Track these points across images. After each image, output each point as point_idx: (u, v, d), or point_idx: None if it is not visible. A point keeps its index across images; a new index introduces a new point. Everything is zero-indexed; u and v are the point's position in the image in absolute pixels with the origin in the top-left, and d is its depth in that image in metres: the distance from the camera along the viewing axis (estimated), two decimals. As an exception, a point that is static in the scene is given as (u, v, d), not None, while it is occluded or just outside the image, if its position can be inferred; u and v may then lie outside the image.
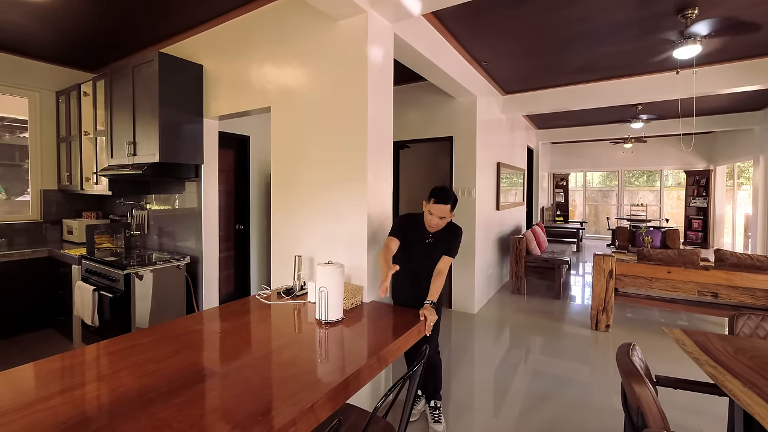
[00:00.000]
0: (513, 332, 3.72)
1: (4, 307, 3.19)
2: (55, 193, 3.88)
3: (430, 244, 2.08)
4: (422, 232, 2.08)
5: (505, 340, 3.50)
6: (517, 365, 2.98)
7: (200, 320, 1.79)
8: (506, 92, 4.95)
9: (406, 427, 1.37)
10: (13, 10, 2.73)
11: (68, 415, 1.00)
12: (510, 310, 4.35)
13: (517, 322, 4.00)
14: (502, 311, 4.31)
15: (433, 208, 1.97)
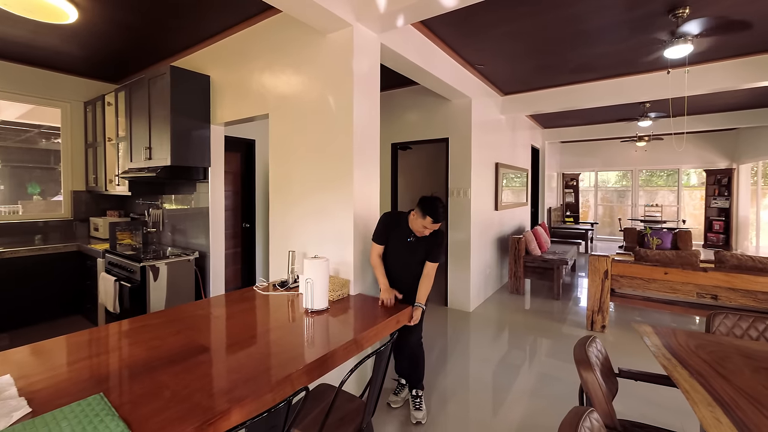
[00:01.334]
0: (506, 331, 3.79)
1: (41, 295, 3.59)
2: (84, 194, 4.29)
3: (411, 243, 2.21)
4: (404, 230, 2.22)
5: (497, 338, 3.58)
6: (506, 362, 3.07)
7: (202, 306, 2.04)
8: (505, 93, 5.03)
9: (376, 402, 1.56)
10: (49, 32, 3.10)
11: (92, 373, 1.29)
12: (506, 310, 4.42)
13: (513, 321, 4.06)
14: (498, 310, 4.39)
15: (426, 223, 2.09)
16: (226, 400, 1.14)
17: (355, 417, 1.52)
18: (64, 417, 1.02)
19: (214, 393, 1.18)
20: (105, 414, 1.04)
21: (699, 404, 1.17)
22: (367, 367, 2.48)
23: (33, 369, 1.30)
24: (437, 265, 2.21)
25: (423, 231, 2.13)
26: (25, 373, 1.27)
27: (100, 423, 1.00)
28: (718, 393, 1.25)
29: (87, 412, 1.04)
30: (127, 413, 1.05)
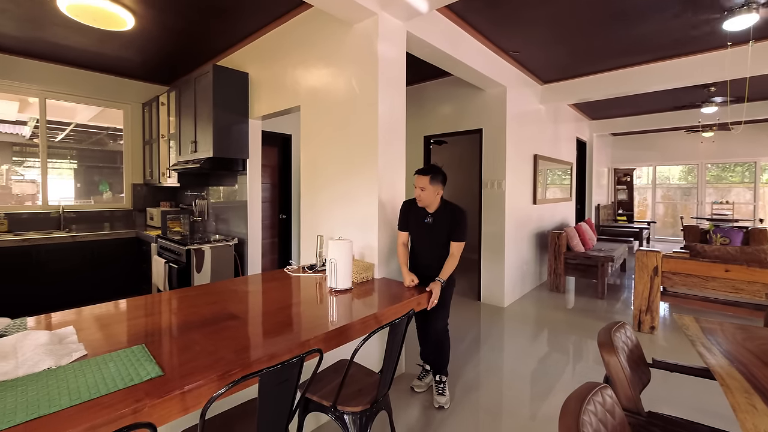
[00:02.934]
0: (541, 327, 3.63)
1: (107, 276, 4.03)
2: (141, 187, 4.74)
3: (429, 224, 2.22)
4: (420, 212, 2.25)
5: (532, 334, 3.45)
6: (538, 357, 2.95)
7: (235, 283, 2.20)
8: (544, 81, 4.81)
9: (392, 377, 1.59)
10: (111, 41, 3.47)
11: (137, 330, 1.48)
12: (544, 307, 4.23)
13: (549, 318, 3.89)
14: (534, 307, 4.22)
15: (415, 181, 2.16)
16: (246, 356, 1.24)
17: (371, 390, 1.56)
18: (111, 359, 1.18)
19: (237, 350, 1.28)
20: (144, 359, 1.17)
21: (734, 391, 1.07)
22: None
23: (91, 324, 1.51)
24: (463, 244, 2.18)
25: (420, 195, 2.16)
26: (85, 326, 1.48)
27: (140, 366, 1.13)
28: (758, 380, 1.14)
29: (130, 357, 1.19)
30: (163, 361, 1.19)
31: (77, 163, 5.00)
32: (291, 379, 1.12)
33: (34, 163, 4.42)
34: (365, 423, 1.47)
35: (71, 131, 5.23)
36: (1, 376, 1.04)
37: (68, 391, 0.99)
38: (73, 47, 3.66)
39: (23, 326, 1.43)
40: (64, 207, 4.22)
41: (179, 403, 1.02)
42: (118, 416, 0.91)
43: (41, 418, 0.89)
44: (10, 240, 3.51)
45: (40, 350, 1.18)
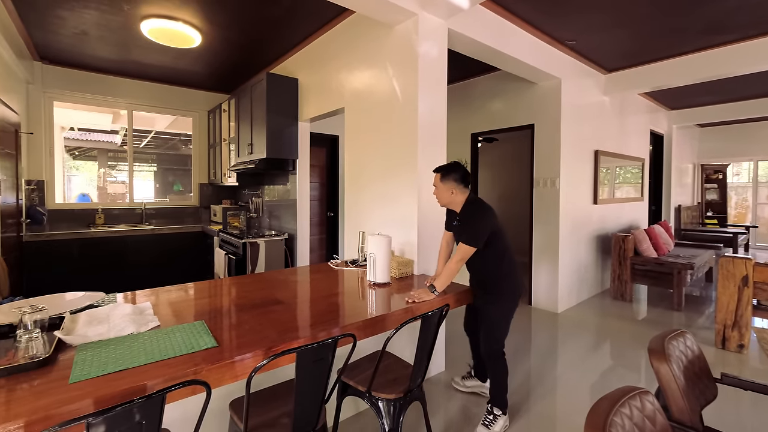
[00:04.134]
0: (602, 337, 3.33)
1: (177, 264, 4.53)
2: (207, 186, 5.25)
3: (458, 226, 2.04)
4: (453, 214, 2.11)
5: (589, 343, 3.18)
6: (598, 370, 2.72)
7: (283, 273, 2.38)
8: (608, 70, 4.47)
9: (425, 368, 1.63)
10: (182, 57, 3.91)
11: (199, 308, 1.68)
12: (606, 316, 3.89)
13: (612, 328, 3.55)
14: (594, 315, 3.91)
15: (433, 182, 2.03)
16: (287, 336, 1.36)
17: (405, 380, 1.60)
18: (178, 330, 1.37)
19: (280, 331, 1.41)
20: (203, 333, 1.35)
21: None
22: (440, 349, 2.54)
23: (163, 301, 1.74)
24: (466, 248, 1.89)
25: (437, 194, 2.02)
26: (159, 303, 1.72)
27: (200, 337, 1.31)
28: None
29: (192, 330, 1.37)
30: (218, 335, 1.35)
31: (156, 166, 5.65)
32: (325, 359, 1.21)
33: (124, 166, 5.10)
34: (398, 411, 1.52)
35: (151, 138, 5.93)
36: (98, 336, 1.27)
37: (145, 352, 1.18)
38: (153, 65, 4.17)
39: (113, 300, 1.70)
40: (145, 204, 4.82)
41: (229, 370, 1.16)
42: (182, 375, 1.07)
43: (126, 370, 1.08)
44: (105, 231, 4.12)
45: (126, 319, 1.40)
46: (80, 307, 1.53)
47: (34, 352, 1.12)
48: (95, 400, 0.94)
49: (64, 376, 1.04)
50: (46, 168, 4.17)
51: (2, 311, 1.41)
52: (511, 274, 1.99)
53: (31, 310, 1.19)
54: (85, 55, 3.88)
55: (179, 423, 1.41)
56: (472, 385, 2.35)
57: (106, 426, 0.82)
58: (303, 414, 1.21)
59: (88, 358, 1.13)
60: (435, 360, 2.57)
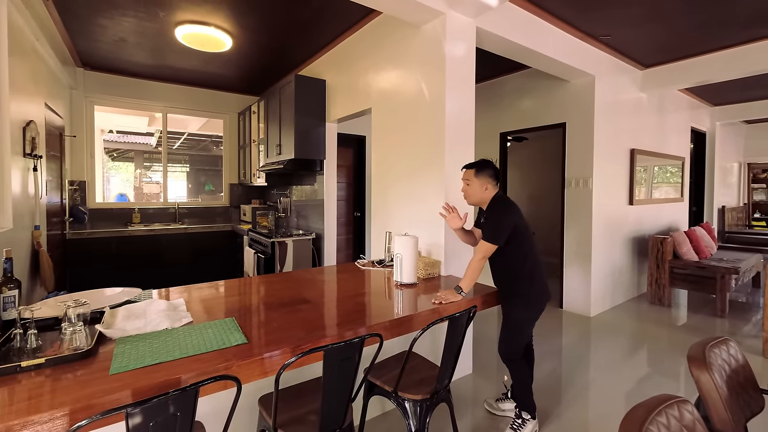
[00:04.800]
0: (638, 343, 3.16)
1: (208, 262, 4.68)
2: (237, 186, 5.38)
3: (482, 223, 1.98)
4: (481, 212, 2.05)
5: (624, 349, 3.03)
6: (634, 377, 2.59)
7: (310, 272, 2.40)
8: (645, 65, 4.26)
9: (452, 371, 1.59)
10: (214, 61, 4.03)
11: (230, 305, 1.72)
12: (642, 321, 3.70)
13: (649, 333, 3.37)
14: (629, 320, 3.73)
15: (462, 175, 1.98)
16: (315, 334, 1.36)
17: (432, 382, 1.57)
18: (210, 327, 1.40)
19: (308, 329, 1.41)
20: (234, 329, 1.38)
21: None
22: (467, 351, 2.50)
23: (196, 298, 1.79)
24: (487, 246, 1.82)
25: (465, 190, 1.97)
26: (191, 299, 1.76)
27: (231, 333, 1.33)
28: None
29: (223, 326, 1.40)
30: (248, 332, 1.37)
31: (189, 167, 5.87)
32: (352, 358, 1.20)
33: (158, 167, 5.32)
34: (425, 411, 1.49)
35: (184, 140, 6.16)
36: (135, 331, 1.32)
37: (179, 347, 1.21)
38: (187, 69, 4.32)
39: (149, 296, 1.76)
40: (179, 204, 5.00)
41: (259, 366, 1.17)
42: (213, 369, 1.09)
43: (161, 363, 1.11)
44: (141, 230, 4.31)
45: (161, 314, 1.45)
46: (119, 303, 1.59)
47: (77, 344, 1.17)
48: (133, 392, 0.97)
49: (104, 368, 1.08)
50: (87, 169, 4.41)
51: (48, 305, 1.49)
52: (536, 275, 1.91)
53: (74, 304, 1.25)
54: (123, 60, 4.08)
55: (211, 416, 1.44)
56: (509, 409, 2.14)
57: (144, 416, 0.84)
58: (330, 412, 1.21)
59: (126, 351, 1.17)
60: (462, 363, 2.52)
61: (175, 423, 0.89)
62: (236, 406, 1.01)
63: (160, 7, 2.92)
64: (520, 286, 1.90)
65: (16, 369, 1.04)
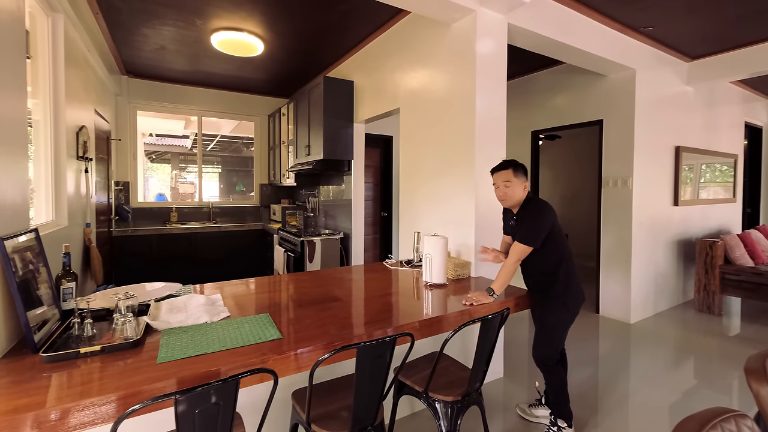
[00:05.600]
0: (684, 353, 2.97)
1: (240, 259, 4.83)
2: (267, 186, 5.54)
3: (515, 226, 1.94)
4: (509, 215, 2.01)
5: (669, 359, 2.85)
6: (680, 389, 2.44)
7: (340, 271, 2.43)
8: (692, 57, 4.00)
9: (484, 373, 1.57)
10: (246, 65, 4.17)
11: (264, 302, 1.77)
12: (688, 330, 3.47)
13: (697, 344, 3.15)
14: (674, 328, 3.51)
15: (495, 179, 1.89)
16: (346, 332, 1.38)
17: (463, 384, 1.55)
18: (246, 321, 1.45)
19: (339, 327, 1.43)
20: (269, 324, 1.42)
21: None
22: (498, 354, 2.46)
23: (231, 294, 1.85)
24: (522, 247, 1.78)
25: (506, 193, 1.86)
26: (227, 295, 1.83)
27: (266, 329, 1.37)
28: None
29: (258, 321, 1.45)
30: (281, 327, 1.41)
31: (221, 168, 6.09)
32: (384, 356, 1.20)
33: (193, 168, 5.56)
34: (456, 414, 1.47)
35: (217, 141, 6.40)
36: (178, 323, 1.39)
37: (218, 340, 1.26)
38: (220, 74, 4.49)
39: (189, 290, 1.84)
40: (212, 203, 5.21)
41: (294, 361, 1.20)
42: (250, 363, 1.13)
43: (203, 355, 1.16)
44: (178, 228, 4.52)
45: (201, 308, 1.51)
46: (162, 296, 1.68)
47: (127, 334, 1.25)
48: (178, 380, 1.02)
49: (151, 357, 1.14)
50: (131, 170, 4.67)
51: (100, 297, 1.59)
52: (571, 278, 1.85)
53: (124, 297, 1.33)
54: (162, 68, 4.30)
55: (248, 408, 1.49)
56: (542, 415, 2.06)
57: (189, 404, 0.87)
58: (362, 409, 1.22)
59: (171, 342, 1.23)
60: (493, 366, 2.47)
61: (218, 412, 0.92)
62: (273, 398, 1.04)
63: (197, 16, 3.05)
64: (555, 289, 1.85)
65: (76, 355, 1.12)
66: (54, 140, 2.34)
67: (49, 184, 2.32)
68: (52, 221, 2.33)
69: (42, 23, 2.29)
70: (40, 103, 2.28)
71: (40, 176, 2.28)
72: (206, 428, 0.92)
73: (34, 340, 1.15)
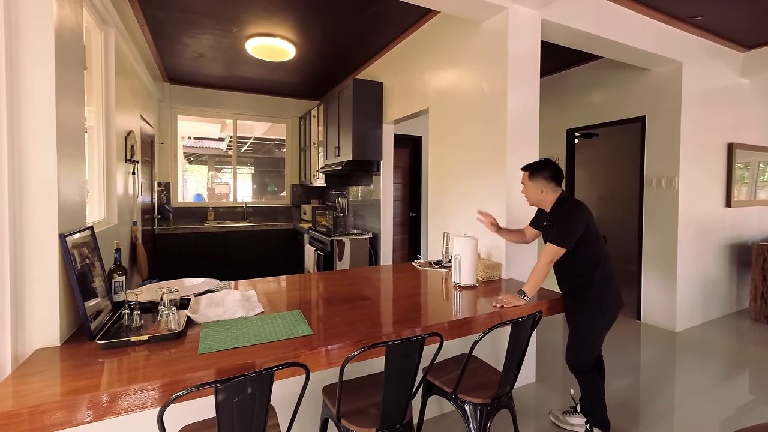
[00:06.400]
0: (739, 365, 2.75)
1: (272, 257, 5.00)
2: (297, 187, 5.69)
3: (547, 228, 1.89)
4: (542, 213, 1.96)
5: (720, 371, 2.65)
6: (734, 404, 2.27)
7: (369, 271, 2.46)
8: (748, 47, 3.71)
9: (515, 377, 1.54)
10: (279, 69, 4.30)
11: (295, 299, 1.82)
12: (741, 340, 3.21)
13: (751, 355, 2.91)
14: (725, 338, 3.27)
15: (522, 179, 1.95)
16: (375, 330, 1.39)
17: (493, 386, 1.52)
18: (279, 317, 1.50)
19: (368, 325, 1.45)
20: (300, 321, 1.46)
21: None
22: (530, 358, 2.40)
23: (264, 290, 1.92)
24: (554, 249, 1.73)
25: (525, 193, 1.93)
26: (260, 291, 1.90)
27: (297, 325, 1.41)
28: None
29: (290, 317, 1.50)
30: (312, 324, 1.44)
31: (254, 169, 6.31)
32: (412, 356, 1.20)
33: (228, 169, 5.80)
34: (486, 417, 1.45)
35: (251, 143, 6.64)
36: (216, 317, 1.46)
37: (253, 334, 1.31)
38: (254, 78, 4.66)
39: (226, 286, 1.93)
40: (246, 203, 5.41)
41: (324, 357, 1.23)
42: (284, 357, 1.17)
43: (239, 348, 1.22)
44: (215, 227, 4.74)
45: (237, 304, 1.58)
46: (201, 291, 1.77)
47: (171, 326, 1.33)
48: (217, 371, 1.07)
49: (193, 348, 1.21)
50: (171, 172, 4.95)
51: (146, 290, 1.70)
52: (607, 282, 1.78)
53: (168, 291, 1.41)
54: (201, 74, 4.52)
55: (281, 400, 1.55)
56: (577, 423, 1.98)
57: (228, 393, 0.92)
58: (391, 406, 1.23)
59: (210, 335, 1.29)
60: (524, 370, 2.41)
61: (254, 402, 0.96)
62: (305, 391, 1.07)
63: (233, 23, 3.18)
64: (592, 292, 1.78)
65: (126, 343, 1.21)
66: (106, 144, 2.53)
67: (101, 185, 2.50)
68: (104, 219, 2.51)
69: (96, 37, 2.47)
70: (94, 111, 2.47)
71: (93, 178, 2.46)
72: (243, 417, 0.96)
73: (91, 328, 1.25)
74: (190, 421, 1.28)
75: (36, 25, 1.21)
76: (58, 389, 0.96)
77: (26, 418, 0.89)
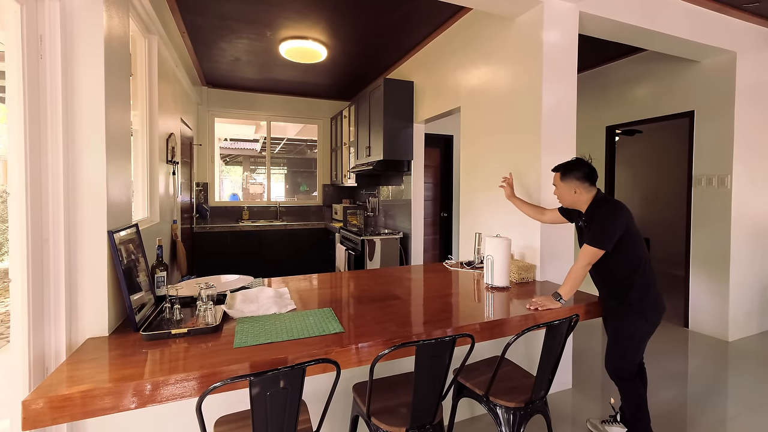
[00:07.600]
0: None
1: (304, 256, 5.10)
2: (329, 187, 5.78)
3: (582, 229, 1.83)
4: (577, 215, 1.88)
5: None
6: None
7: (399, 270, 2.46)
8: (813, 33, 3.38)
9: (550, 381, 1.48)
10: (311, 71, 4.39)
11: (326, 297, 1.85)
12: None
13: None
14: (783, 348, 3.00)
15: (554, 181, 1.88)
16: (406, 330, 1.38)
17: (527, 390, 1.47)
18: (311, 314, 1.53)
19: (399, 324, 1.44)
20: (331, 318, 1.48)
21: None
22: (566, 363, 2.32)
23: (296, 288, 1.96)
24: (592, 250, 1.65)
25: (558, 194, 1.86)
26: (292, 289, 1.94)
27: (329, 322, 1.43)
28: None
29: (322, 315, 1.52)
30: (343, 322, 1.46)
31: (287, 169, 6.47)
32: (443, 356, 1.18)
33: (261, 170, 5.98)
34: (519, 421, 1.40)
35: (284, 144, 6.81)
36: (251, 313, 1.51)
37: (286, 330, 1.34)
38: (287, 80, 4.78)
39: (260, 283, 1.99)
40: (279, 203, 5.56)
41: (355, 355, 1.23)
42: (315, 353, 1.18)
43: (272, 343, 1.25)
44: (249, 225, 4.90)
45: (270, 300, 1.62)
46: (236, 288, 1.83)
47: (208, 320, 1.38)
48: (251, 364, 1.10)
49: (228, 342, 1.25)
50: (209, 172, 5.16)
51: (185, 286, 1.78)
52: (649, 285, 1.68)
53: (205, 286, 1.47)
54: (236, 77, 4.69)
55: (311, 397, 1.57)
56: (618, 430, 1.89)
57: (262, 386, 0.94)
58: (421, 406, 1.21)
59: (245, 330, 1.33)
60: (560, 376, 2.31)
61: (287, 396, 0.98)
62: (336, 388, 1.08)
63: (268, 27, 3.27)
64: (631, 296, 1.69)
65: (168, 335, 1.27)
66: (149, 147, 2.68)
67: (145, 185, 2.65)
68: (147, 218, 2.66)
69: (140, 44, 2.62)
70: (138, 114, 2.62)
71: (137, 178, 2.62)
72: (276, 410, 0.98)
73: (135, 320, 1.33)
74: (225, 412, 1.32)
75: (88, 35, 1.29)
76: (107, 376, 1.03)
77: (79, 401, 0.96)
